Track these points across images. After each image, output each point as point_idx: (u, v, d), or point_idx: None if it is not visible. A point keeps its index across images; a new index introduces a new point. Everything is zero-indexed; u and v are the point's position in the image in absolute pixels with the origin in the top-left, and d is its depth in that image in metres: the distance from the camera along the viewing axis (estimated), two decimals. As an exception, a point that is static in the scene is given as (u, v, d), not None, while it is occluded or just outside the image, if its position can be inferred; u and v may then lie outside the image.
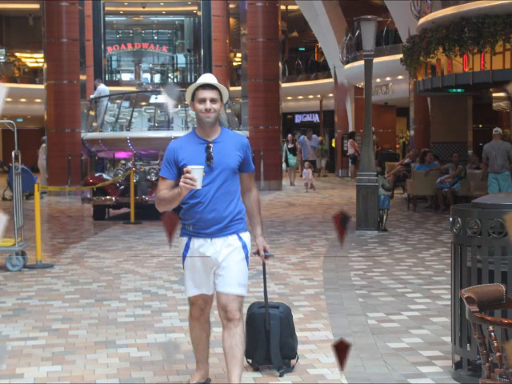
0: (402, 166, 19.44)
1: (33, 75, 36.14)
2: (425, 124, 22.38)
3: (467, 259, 4.89)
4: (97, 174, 16.52)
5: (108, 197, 15.22)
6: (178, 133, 14.58)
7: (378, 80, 26.29)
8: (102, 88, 20.43)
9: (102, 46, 28.84)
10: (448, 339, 5.60)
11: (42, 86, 23.93)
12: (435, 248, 10.98)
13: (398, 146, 31.64)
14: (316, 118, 37.58)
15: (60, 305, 7.39)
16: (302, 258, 10.15)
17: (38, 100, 31.67)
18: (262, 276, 5.18)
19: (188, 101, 4.52)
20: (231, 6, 30.20)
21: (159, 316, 6.87)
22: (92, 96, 19.74)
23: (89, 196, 15.79)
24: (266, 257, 4.72)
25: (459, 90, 19.16)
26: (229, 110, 17.40)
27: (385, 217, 13.07)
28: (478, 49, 15.58)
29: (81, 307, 7.26)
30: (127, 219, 14.81)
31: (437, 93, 19.67)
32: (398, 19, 22.68)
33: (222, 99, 4.48)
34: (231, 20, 32.28)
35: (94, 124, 17.26)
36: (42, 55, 25.03)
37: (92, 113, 18.10)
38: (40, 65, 31.69)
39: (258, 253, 4.67)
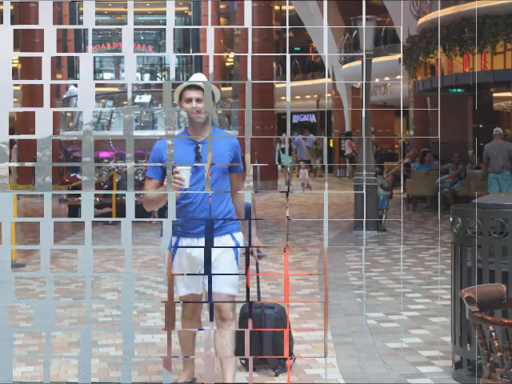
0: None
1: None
2: (424, 124, 22.31)
3: (467, 259, 4.83)
4: (72, 175, 16.25)
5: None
6: (162, 132, 14.36)
7: (377, 80, 26.23)
8: (73, 88, 20.34)
9: (83, 45, 28.70)
10: (448, 339, 5.52)
11: (17, 87, 23.78)
12: (435, 248, 10.91)
13: (396, 145, 31.58)
14: (313, 118, 37.53)
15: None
16: (297, 258, 10.07)
17: (15, 100, 31.49)
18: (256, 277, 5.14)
19: (176, 100, 4.47)
20: (222, 6, 30.02)
21: (144, 316, 6.75)
22: (65, 96, 19.67)
23: (65, 197, 15.52)
24: (259, 257, 4.68)
25: (459, 90, 19.10)
26: (220, 111, 17.25)
27: (384, 217, 13.00)
28: (479, 49, 15.52)
29: (61, 308, 7.02)
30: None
31: (437, 93, 19.60)
32: (397, 19, 22.61)
33: (213, 99, 4.40)
34: (222, 20, 32.04)
35: (71, 124, 17.11)
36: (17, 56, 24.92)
37: (68, 113, 17.95)
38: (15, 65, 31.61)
39: (251, 253, 4.61)
